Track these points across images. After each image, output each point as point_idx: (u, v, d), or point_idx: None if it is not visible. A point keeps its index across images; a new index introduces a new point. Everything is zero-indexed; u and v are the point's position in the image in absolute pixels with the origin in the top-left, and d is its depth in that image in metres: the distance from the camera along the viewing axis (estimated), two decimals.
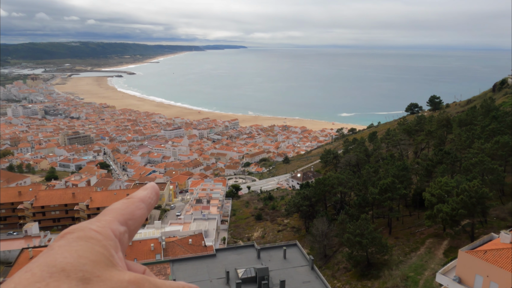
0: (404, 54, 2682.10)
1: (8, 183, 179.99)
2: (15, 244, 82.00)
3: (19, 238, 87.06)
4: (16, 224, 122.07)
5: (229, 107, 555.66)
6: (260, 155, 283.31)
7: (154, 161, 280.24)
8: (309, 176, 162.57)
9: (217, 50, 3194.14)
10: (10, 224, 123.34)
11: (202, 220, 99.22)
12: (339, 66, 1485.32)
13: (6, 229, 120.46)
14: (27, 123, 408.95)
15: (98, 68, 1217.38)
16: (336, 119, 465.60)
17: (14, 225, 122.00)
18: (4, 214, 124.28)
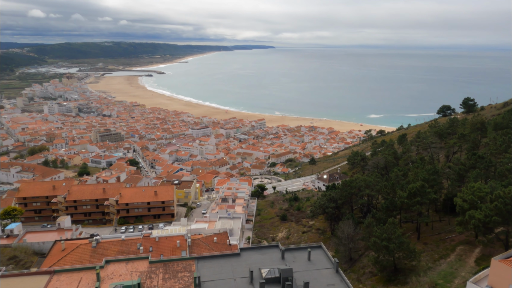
0: (437, 54, 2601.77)
1: (43, 177, 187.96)
2: (49, 236, 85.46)
3: (53, 231, 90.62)
4: (50, 217, 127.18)
5: (256, 107, 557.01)
6: (286, 156, 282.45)
7: (182, 159, 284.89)
8: (336, 177, 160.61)
9: (245, 50, 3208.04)
10: (44, 217, 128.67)
11: (227, 219, 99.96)
12: (368, 67, 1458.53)
13: (40, 222, 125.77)
14: (62, 120, 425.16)
15: (129, 68, 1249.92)
16: (365, 120, 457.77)
17: (48, 218, 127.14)
18: (39, 207, 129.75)
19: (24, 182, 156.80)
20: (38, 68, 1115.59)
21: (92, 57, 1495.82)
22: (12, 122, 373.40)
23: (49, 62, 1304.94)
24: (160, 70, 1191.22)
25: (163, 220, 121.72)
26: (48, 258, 67.59)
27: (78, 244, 69.94)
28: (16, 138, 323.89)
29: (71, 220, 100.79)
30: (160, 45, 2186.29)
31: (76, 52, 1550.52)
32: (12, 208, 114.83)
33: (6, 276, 56.51)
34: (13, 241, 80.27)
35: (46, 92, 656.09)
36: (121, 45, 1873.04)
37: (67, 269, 58.52)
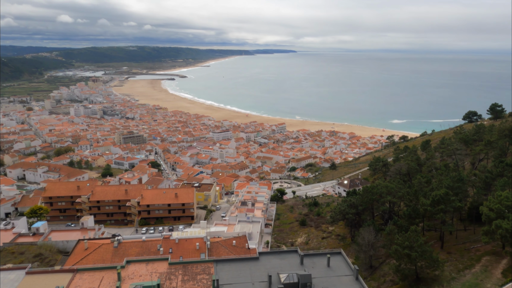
0: (462, 59, 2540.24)
1: (69, 177, 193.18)
2: (73, 235, 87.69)
3: (76, 230, 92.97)
4: (74, 217, 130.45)
5: (277, 111, 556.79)
6: (306, 160, 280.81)
7: (202, 162, 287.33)
8: (357, 183, 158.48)
9: (267, 54, 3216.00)
10: (68, 216, 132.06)
11: (246, 223, 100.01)
12: (391, 71, 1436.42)
13: (65, 221, 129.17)
14: (87, 122, 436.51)
15: (152, 71, 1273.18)
16: (387, 125, 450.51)
17: (72, 217, 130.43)
18: (64, 207, 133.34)
19: (50, 182, 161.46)
20: (66, 72, 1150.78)
21: (117, 61, 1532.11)
22: (40, 124, 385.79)
23: (76, 66, 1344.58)
24: (183, 74, 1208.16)
25: (183, 222, 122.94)
26: (71, 256, 69.31)
27: (101, 243, 71.41)
28: (43, 139, 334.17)
29: (94, 220, 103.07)
30: (182, 49, 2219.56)
31: (101, 56, 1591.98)
32: (38, 207, 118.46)
33: (32, 273, 58.30)
34: (39, 239, 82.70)
35: (72, 94, 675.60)
36: (145, 49, 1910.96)
37: (89, 268, 59.89)
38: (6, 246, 78.92)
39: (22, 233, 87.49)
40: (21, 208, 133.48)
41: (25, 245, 79.34)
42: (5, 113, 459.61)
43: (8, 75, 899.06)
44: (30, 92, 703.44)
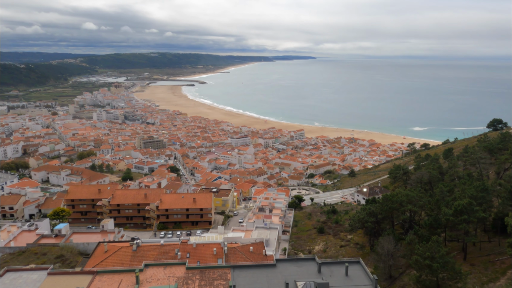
0: (487, 65, 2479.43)
1: (90, 181, 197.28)
2: (93, 238, 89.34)
3: (97, 232, 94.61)
4: (94, 219, 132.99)
5: (295, 117, 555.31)
6: (325, 167, 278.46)
7: (220, 168, 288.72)
8: (376, 191, 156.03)
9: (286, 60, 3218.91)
10: (89, 219, 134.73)
11: (264, 229, 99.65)
12: (413, 78, 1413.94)
13: (86, 223, 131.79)
14: (109, 126, 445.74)
15: (173, 77, 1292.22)
16: (408, 133, 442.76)
17: (93, 220, 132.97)
18: (85, 209, 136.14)
19: (73, 185, 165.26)
20: (89, 77, 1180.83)
21: (139, 67, 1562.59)
22: (64, 128, 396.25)
23: (99, 72, 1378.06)
24: (202, 80, 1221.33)
25: (200, 227, 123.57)
26: (91, 258, 70.53)
27: (120, 246, 72.44)
28: (67, 143, 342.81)
29: (114, 223, 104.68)
30: (202, 55, 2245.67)
31: (124, 62, 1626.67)
32: (61, 209, 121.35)
33: (53, 274, 59.60)
34: (61, 240, 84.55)
35: (95, 100, 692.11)
36: (166, 56, 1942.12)
37: (108, 270, 60.82)
38: (29, 246, 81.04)
39: (45, 235, 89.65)
40: (45, 210, 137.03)
41: (47, 246, 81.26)
42: (31, 118, 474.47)
43: (35, 81, 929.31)
44: (55, 97, 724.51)
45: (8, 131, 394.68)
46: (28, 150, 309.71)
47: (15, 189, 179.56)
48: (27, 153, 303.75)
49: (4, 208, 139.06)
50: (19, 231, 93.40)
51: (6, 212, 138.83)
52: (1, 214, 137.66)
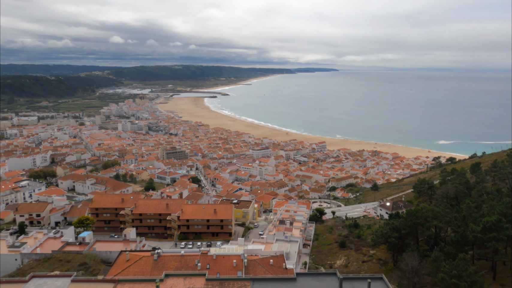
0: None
1: (114, 190, 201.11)
2: (115, 246, 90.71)
3: (119, 241, 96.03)
4: (117, 228, 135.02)
5: (317, 130, 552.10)
6: (347, 180, 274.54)
7: (241, 179, 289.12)
8: (400, 206, 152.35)
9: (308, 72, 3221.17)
10: (112, 228, 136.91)
11: (284, 242, 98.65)
12: (438, 90, 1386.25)
13: (109, 232, 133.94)
14: (133, 137, 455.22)
15: (196, 89, 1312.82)
16: (433, 146, 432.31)
17: (116, 229, 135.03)
18: (108, 218, 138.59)
19: (97, 193, 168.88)
20: (115, 89, 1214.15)
21: (163, 79, 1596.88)
22: (91, 138, 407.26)
23: (125, 84, 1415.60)
24: (225, 92, 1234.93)
25: (221, 238, 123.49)
26: (113, 267, 71.50)
27: (141, 256, 73.19)
28: (92, 153, 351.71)
29: (136, 232, 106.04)
30: (225, 68, 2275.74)
31: (149, 74, 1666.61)
32: (85, 217, 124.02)
33: (76, 281, 60.72)
34: (85, 248, 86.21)
35: (121, 111, 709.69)
36: (190, 68, 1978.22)
37: (130, 279, 61.47)
38: (54, 253, 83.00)
39: (69, 242, 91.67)
40: (70, 218, 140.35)
41: (71, 253, 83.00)
42: (59, 128, 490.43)
43: (64, 92, 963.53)
44: (82, 108, 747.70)
45: (37, 141, 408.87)
46: (56, 159, 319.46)
47: (43, 197, 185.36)
48: (55, 162, 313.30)
49: (32, 215, 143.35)
50: (45, 238, 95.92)
51: (34, 219, 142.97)
52: (29, 221, 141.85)
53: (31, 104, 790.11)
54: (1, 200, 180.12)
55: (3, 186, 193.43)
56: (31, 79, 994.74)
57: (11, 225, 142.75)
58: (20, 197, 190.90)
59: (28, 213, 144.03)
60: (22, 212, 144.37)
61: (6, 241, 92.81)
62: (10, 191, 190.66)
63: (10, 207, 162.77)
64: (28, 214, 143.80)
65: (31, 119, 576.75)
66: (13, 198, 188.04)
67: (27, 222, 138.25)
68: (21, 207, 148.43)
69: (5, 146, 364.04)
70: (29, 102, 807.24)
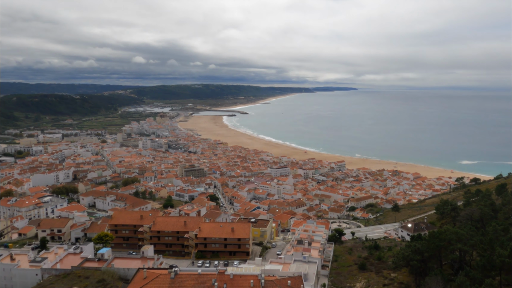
0: None
1: (133, 207, 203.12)
2: (133, 263, 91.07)
3: (137, 258, 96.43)
4: (135, 245, 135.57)
5: (336, 149, 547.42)
6: (366, 200, 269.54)
7: (259, 198, 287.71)
8: (422, 227, 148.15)
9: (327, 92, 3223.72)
10: (131, 245, 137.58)
11: (302, 262, 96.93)
12: (460, 109, 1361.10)
13: (127, 248, 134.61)
14: (153, 154, 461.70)
15: (215, 108, 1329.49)
16: (456, 166, 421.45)
17: (134, 246, 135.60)
18: (127, 235, 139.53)
19: (117, 210, 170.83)
20: (137, 108, 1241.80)
21: (183, 98, 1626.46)
22: (112, 155, 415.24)
23: (147, 102, 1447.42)
24: (243, 110, 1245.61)
25: (238, 257, 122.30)
26: (131, 284, 71.60)
27: (158, 274, 73.17)
28: (113, 170, 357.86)
29: (154, 249, 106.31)
30: (244, 87, 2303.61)
31: (169, 93, 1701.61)
32: (104, 234, 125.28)
33: None
34: (103, 265, 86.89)
35: (141, 129, 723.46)
36: (209, 87, 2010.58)
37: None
38: (74, 269, 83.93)
39: (88, 258, 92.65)
40: (90, 234, 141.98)
41: (90, 269, 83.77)
42: (82, 145, 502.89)
43: (88, 111, 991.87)
44: (105, 126, 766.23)
45: (61, 157, 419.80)
46: (78, 175, 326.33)
47: (64, 213, 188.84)
48: (77, 179, 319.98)
49: (53, 230, 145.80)
50: (65, 253, 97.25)
51: (55, 235, 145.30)
52: (50, 236, 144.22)
53: (56, 121, 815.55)
54: (25, 215, 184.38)
55: (27, 202, 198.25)
56: (57, 97, 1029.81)
57: (33, 240, 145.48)
58: (43, 213, 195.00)
59: (50, 228, 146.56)
60: (44, 227, 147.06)
61: (28, 256, 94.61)
62: (33, 206, 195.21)
63: (33, 222, 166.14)
64: (50, 229, 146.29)
65: (56, 136, 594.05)
66: (36, 214, 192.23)
67: (48, 238, 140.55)
68: (43, 223, 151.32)
69: (30, 162, 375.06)
70: (55, 120, 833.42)
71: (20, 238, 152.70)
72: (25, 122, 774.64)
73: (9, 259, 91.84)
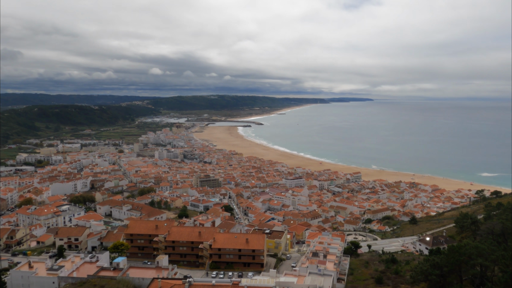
0: None
1: (149, 216, 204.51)
2: (148, 273, 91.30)
3: (152, 268, 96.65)
4: (150, 255, 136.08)
5: (352, 160, 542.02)
6: (383, 212, 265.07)
7: (274, 209, 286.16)
8: (441, 241, 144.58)
9: (342, 102, 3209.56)
10: (146, 254, 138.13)
11: (317, 275, 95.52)
12: (479, 120, 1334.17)
13: (142, 258, 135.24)
14: (169, 164, 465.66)
15: (230, 118, 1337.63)
16: (475, 179, 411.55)
17: (149, 256, 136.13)
18: (142, 244, 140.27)
19: (133, 219, 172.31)
20: (154, 118, 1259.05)
21: (199, 108, 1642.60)
22: (128, 165, 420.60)
23: (163, 113, 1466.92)
24: (259, 121, 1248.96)
25: (252, 269, 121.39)
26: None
27: (173, 284, 73.25)
28: (130, 179, 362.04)
29: (168, 259, 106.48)
30: (259, 98, 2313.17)
31: (186, 104, 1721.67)
32: (120, 243, 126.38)
33: None
34: (118, 274, 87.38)
35: (158, 139, 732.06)
36: (225, 98, 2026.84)
37: None
38: (90, 278, 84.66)
39: (104, 267, 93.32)
40: (106, 243, 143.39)
41: (106, 278, 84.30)
42: (100, 154, 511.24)
43: (106, 121, 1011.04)
44: (122, 136, 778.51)
45: (79, 167, 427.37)
46: (95, 185, 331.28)
47: (81, 222, 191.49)
48: (94, 188, 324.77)
49: (70, 239, 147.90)
50: (81, 262, 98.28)
51: (72, 243, 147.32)
52: (68, 244, 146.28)
53: (76, 132, 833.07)
54: (43, 224, 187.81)
55: (45, 210, 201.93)
56: (76, 108, 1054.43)
57: (51, 248, 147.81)
58: (61, 221, 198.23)
59: (67, 237, 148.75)
60: (61, 235, 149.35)
61: (46, 264, 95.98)
62: (51, 215, 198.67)
63: (51, 230, 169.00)
64: (67, 238, 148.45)
65: (75, 146, 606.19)
66: (54, 222, 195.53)
67: (65, 246, 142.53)
68: (61, 231, 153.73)
69: (50, 171, 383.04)
70: (74, 130, 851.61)
71: (39, 246, 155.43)
72: (46, 132, 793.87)
73: (27, 266, 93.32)
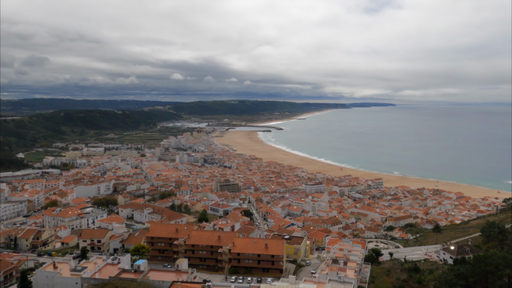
0: None
1: (169, 220, 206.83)
2: (168, 276, 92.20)
3: (171, 271, 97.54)
4: (170, 258, 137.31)
5: (373, 166, 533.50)
6: (405, 220, 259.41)
7: (294, 214, 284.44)
8: (466, 250, 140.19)
9: (363, 107, 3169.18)
10: (166, 257, 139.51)
11: (338, 283, 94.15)
12: (506, 126, 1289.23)
13: (163, 261, 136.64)
14: (190, 169, 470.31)
15: (251, 123, 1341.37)
16: (502, 186, 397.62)
17: (169, 259, 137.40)
18: (163, 247, 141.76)
19: (153, 223, 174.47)
20: (175, 123, 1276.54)
21: (219, 113, 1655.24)
22: (150, 169, 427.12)
23: (184, 118, 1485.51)
24: (279, 126, 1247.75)
25: (271, 274, 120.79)
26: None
27: (192, 287, 73.65)
28: (151, 183, 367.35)
29: (188, 263, 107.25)
30: (279, 103, 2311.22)
31: (206, 109, 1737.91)
32: (141, 246, 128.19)
33: None
34: (139, 276, 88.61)
35: (179, 143, 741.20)
36: (245, 103, 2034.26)
37: None
38: (111, 279, 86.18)
39: (125, 269, 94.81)
40: (127, 245, 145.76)
41: (126, 281, 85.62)
42: (123, 158, 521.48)
43: (128, 125, 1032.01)
44: (144, 140, 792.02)
45: (103, 170, 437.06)
46: (118, 188, 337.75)
47: (104, 224, 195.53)
48: (117, 191, 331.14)
49: (93, 241, 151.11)
50: (103, 263, 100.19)
51: (95, 245, 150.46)
52: (91, 246, 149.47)
53: (99, 136, 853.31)
54: (68, 225, 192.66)
55: (70, 212, 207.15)
56: (100, 113, 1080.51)
57: (74, 249, 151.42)
58: (84, 223, 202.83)
59: (90, 238, 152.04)
60: (85, 237, 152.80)
61: (69, 265, 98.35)
62: (76, 217, 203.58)
63: (75, 232, 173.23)
64: (90, 239, 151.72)
65: (99, 150, 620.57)
66: (78, 224, 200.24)
67: (88, 247, 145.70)
68: (84, 233, 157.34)
69: (74, 174, 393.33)
70: (98, 134, 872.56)
71: (63, 247, 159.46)
72: (71, 136, 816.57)
73: (52, 267, 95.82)
